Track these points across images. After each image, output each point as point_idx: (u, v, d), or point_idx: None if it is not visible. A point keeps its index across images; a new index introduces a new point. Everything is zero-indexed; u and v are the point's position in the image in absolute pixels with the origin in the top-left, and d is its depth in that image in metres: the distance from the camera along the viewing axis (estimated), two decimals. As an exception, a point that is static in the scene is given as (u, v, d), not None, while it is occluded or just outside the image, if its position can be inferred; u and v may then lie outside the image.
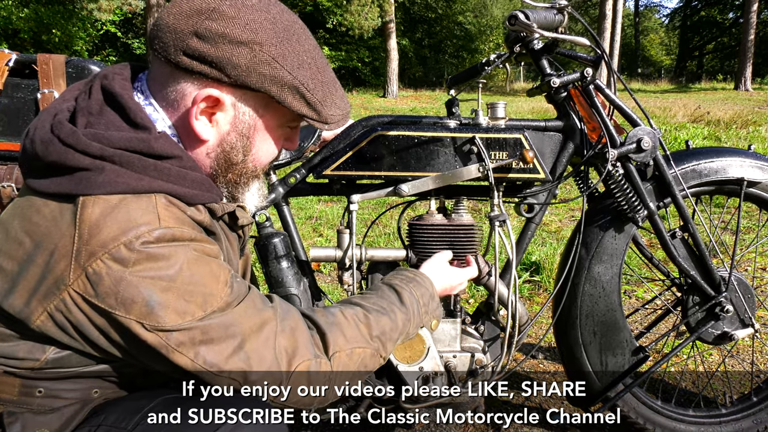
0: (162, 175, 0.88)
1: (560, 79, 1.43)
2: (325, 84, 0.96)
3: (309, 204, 4.77)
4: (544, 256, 3.27)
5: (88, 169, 0.84)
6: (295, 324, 0.96)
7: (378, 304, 1.11)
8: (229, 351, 0.87)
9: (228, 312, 0.88)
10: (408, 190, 1.41)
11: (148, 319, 0.82)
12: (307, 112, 0.95)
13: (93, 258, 0.80)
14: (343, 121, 1.01)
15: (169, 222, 0.85)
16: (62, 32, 16.87)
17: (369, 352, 1.03)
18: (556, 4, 1.39)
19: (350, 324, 1.02)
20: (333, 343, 0.98)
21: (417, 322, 1.16)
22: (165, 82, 0.93)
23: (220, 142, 0.96)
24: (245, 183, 1.03)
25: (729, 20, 34.23)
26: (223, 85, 0.90)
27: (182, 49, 0.88)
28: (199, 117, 0.92)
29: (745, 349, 2.28)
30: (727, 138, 7.67)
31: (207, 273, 0.87)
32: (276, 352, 0.90)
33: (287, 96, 0.92)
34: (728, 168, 1.59)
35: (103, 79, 0.93)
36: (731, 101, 15.35)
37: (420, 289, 1.20)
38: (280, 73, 0.90)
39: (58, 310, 0.83)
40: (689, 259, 1.60)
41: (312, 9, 20.94)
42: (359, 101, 17.16)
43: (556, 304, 1.63)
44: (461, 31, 29.78)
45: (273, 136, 1.00)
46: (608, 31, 20.19)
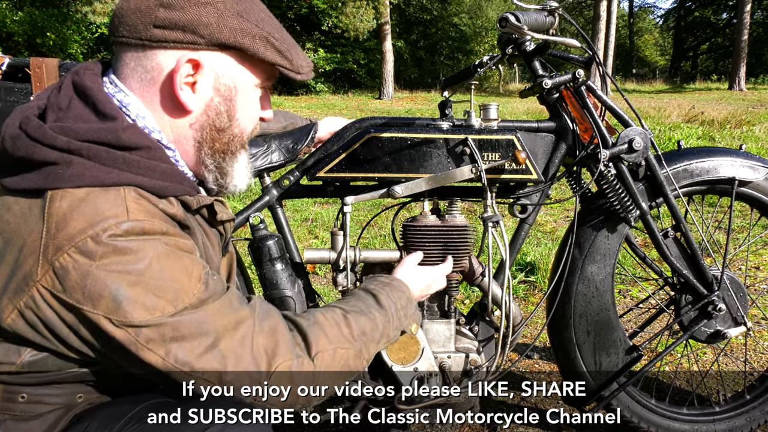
0: (131, 167, 0.87)
1: (552, 80, 1.44)
2: (286, 38, 1.00)
3: (304, 206, 4.77)
4: (539, 257, 3.28)
5: (55, 162, 0.83)
6: (275, 324, 0.95)
7: (356, 306, 1.11)
8: (201, 349, 0.85)
9: (201, 309, 0.86)
10: (402, 191, 1.42)
11: (116, 314, 0.80)
12: (281, 61, 0.98)
13: (60, 252, 0.79)
14: (311, 73, 1.04)
15: (138, 215, 0.84)
16: (57, 35, 16.82)
17: (352, 352, 1.02)
18: (547, 6, 1.40)
19: (331, 324, 1.02)
20: (315, 343, 0.97)
21: (396, 324, 1.17)
22: (137, 65, 0.93)
23: (205, 110, 0.96)
24: (233, 152, 1.02)
25: (723, 21, 34.37)
26: (199, 48, 0.92)
27: (152, 22, 0.89)
28: (183, 87, 0.93)
29: (739, 348, 2.29)
30: (721, 138, 7.70)
31: (178, 268, 0.85)
32: (254, 352, 0.89)
33: (260, 47, 0.95)
34: (719, 168, 1.60)
35: (74, 75, 0.93)
36: (725, 101, 15.41)
37: (396, 292, 1.20)
38: (247, 26, 0.93)
39: (28, 307, 0.81)
40: (682, 259, 1.61)
41: (307, 11, 20.93)
42: (355, 103, 17.16)
43: (550, 305, 1.64)
44: (456, 32, 29.82)
45: (252, 97, 1.02)
46: (603, 32, 20.24)
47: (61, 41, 16.99)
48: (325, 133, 1.62)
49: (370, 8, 18.58)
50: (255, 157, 1.49)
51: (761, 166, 1.62)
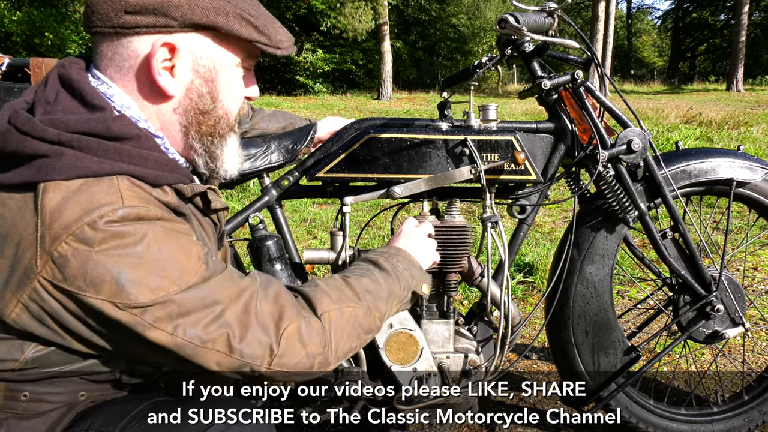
0: (122, 157, 0.87)
1: (551, 81, 1.44)
2: (263, 13, 0.98)
3: (303, 206, 4.77)
4: (538, 257, 3.28)
5: (46, 155, 0.83)
6: (278, 290, 0.95)
7: (356, 272, 1.12)
8: (207, 320, 0.85)
9: (204, 285, 0.86)
10: (401, 192, 1.42)
11: (120, 297, 0.80)
12: (258, 37, 0.96)
13: (57, 241, 0.79)
14: (292, 48, 1.02)
15: (133, 201, 0.84)
16: (55, 35, 16.80)
17: (360, 311, 1.03)
18: (546, 7, 1.41)
19: (332, 288, 1.03)
20: (319, 304, 0.98)
21: (403, 284, 1.16)
22: (114, 54, 0.93)
23: (187, 93, 0.96)
24: (221, 135, 1.01)
25: (720, 22, 34.44)
26: (173, 31, 0.91)
27: (122, 9, 0.89)
28: (161, 72, 0.92)
29: (737, 348, 2.29)
30: (719, 139, 7.71)
31: (178, 248, 0.86)
32: (260, 318, 0.90)
33: (234, 24, 0.94)
34: (717, 169, 1.60)
35: (60, 68, 0.93)
36: (723, 102, 15.44)
37: (394, 257, 1.19)
38: (220, 3, 0.92)
39: (32, 300, 0.81)
40: (680, 259, 1.61)
41: (306, 12, 20.92)
42: (353, 104, 17.16)
43: (548, 305, 1.64)
44: (455, 33, 29.84)
45: (234, 77, 1.01)
46: (601, 32, 20.27)
47: (59, 41, 16.96)
48: (325, 133, 1.62)
49: (369, 9, 18.58)
50: (254, 158, 1.49)
51: (759, 167, 1.62)
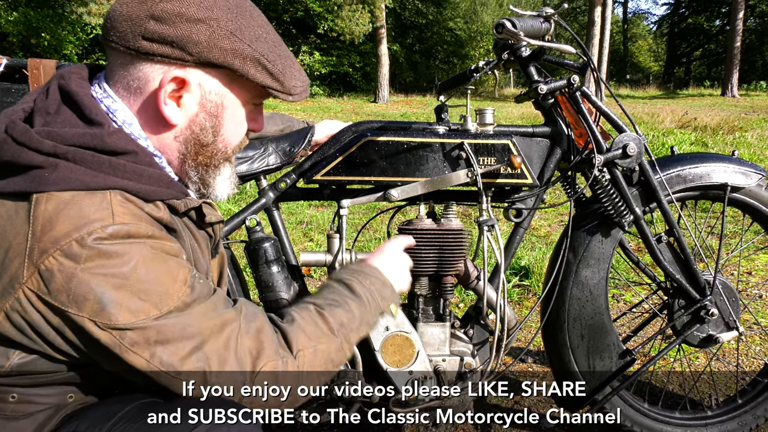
0: (117, 171, 0.87)
1: (547, 86, 1.45)
2: (282, 57, 0.97)
3: (300, 209, 4.77)
4: (534, 261, 3.29)
5: (41, 166, 0.83)
6: (261, 326, 0.95)
7: (329, 298, 1.10)
8: (185, 352, 0.85)
9: (186, 312, 0.86)
10: (398, 195, 1.42)
11: (101, 316, 0.81)
12: (271, 83, 0.96)
13: (45, 255, 0.80)
14: (304, 93, 1.01)
15: (123, 218, 0.84)
16: (51, 36, 16.75)
17: (333, 346, 1.02)
18: (543, 12, 1.42)
19: (308, 322, 1.02)
20: (295, 341, 0.98)
21: (374, 309, 1.15)
22: (125, 73, 0.92)
23: (189, 125, 0.96)
24: (216, 166, 1.02)
25: (716, 27, 34.63)
26: (187, 65, 0.91)
27: (141, 33, 0.88)
28: (167, 102, 0.92)
29: (731, 352, 2.30)
30: (713, 144, 7.75)
31: (164, 271, 0.86)
32: (238, 354, 0.90)
33: (250, 68, 0.93)
34: (712, 173, 1.62)
35: (60, 79, 0.93)
36: (718, 107, 15.52)
37: (369, 278, 1.18)
38: (239, 46, 0.91)
39: (14, 309, 0.82)
40: (675, 263, 1.62)
41: (303, 14, 20.94)
42: (350, 106, 17.18)
43: (544, 308, 1.65)
44: (452, 36, 29.91)
45: (240, 114, 1.01)
46: (597, 37, 20.35)
47: (56, 42, 16.92)
48: (322, 136, 1.62)
49: (366, 12, 18.62)
50: (252, 160, 1.49)
51: (753, 172, 1.64)
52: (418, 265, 1.44)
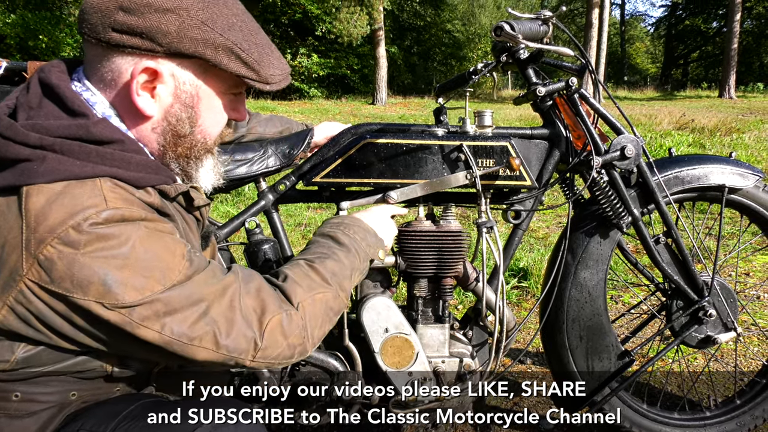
0: (105, 160, 0.87)
1: (546, 88, 1.45)
2: (259, 45, 0.96)
3: (298, 211, 4.77)
4: (532, 262, 3.30)
5: (28, 159, 0.84)
6: (259, 285, 0.98)
7: (317, 252, 1.14)
8: (194, 317, 0.87)
9: (188, 283, 0.88)
10: (397, 197, 1.43)
11: (107, 297, 0.82)
12: (246, 73, 0.95)
13: (43, 245, 0.80)
14: (284, 82, 1.01)
15: (116, 203, 0.85)
16: (49, 38, 16.75)
17: (330, 294, 1.06)
18: (541, 15, 1.42)
19: (301, 277, 1.06)
20: (294, 295, 1.01)
21: (362, 256, 1.20)
22: (99, 64, 0.93)
23: (165, 116, 0.96)
24: (197, 157, 1.02)
25: (713, 29, 34.73)
26: (158, 56, 0.91)
27: (110, 25, 0.88)
28: (140, 93, 0.92)
29: (729, 353, 2.31)
30: (711, 145, 7.77)
31: (162, 248, 0.87)
32: (243, 313, 0.92)
33: (222, 58, 0.92)
34: (710, 175, 1.62)
35: (40, 73, 0.93)
36: (715, 109, 15.55)
37: (350, 228, 1.22)
38: (210, 36, 0.91)
39: (18, 302, 0.82)
40: (673, 265, 1.62)
41: (301, 16, 20.96)
42: (348, 108, 17.19)
43: (543, 310, 1.65)
44: (450, 38, 29.96)
45: (217, 104, 1.00)
46: (595, 39, 20.40)
47: (53, 44, 16.91)
48: (321, 138, 1.63)
49: (364, 14, 18.64)
50: (251, 162, 1.49)
51: (750, 173, 1.64)
52: (417, 267, 1.44)
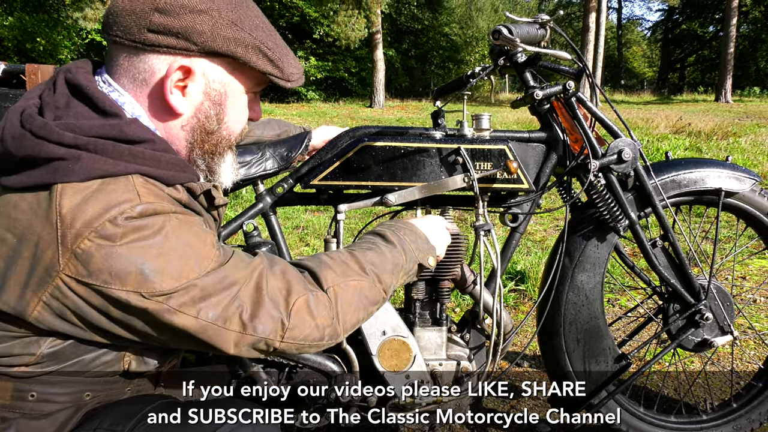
0: (137, 159, 0.90)
1: (543, 91, 1.46)
2: (279, 45, 1.02)
3: (296, 213, 4.77)
4: (529, 265, 3.30)
5: (63, 158, 0.85)
6: (284, 267, 0.99)
7: (362, 245, 1.15)
8: (227, 301, 0.89)
9: (221, 269, 0.91)
10: (394, 199, 1.43)
11: (145, 287, 0.84)
12: (272, 70, 1.00)
13: (80, 239, 0.82)
14: (301, 80, 1.06)
15: (149, 198, 0.87)
16: (47, 41, 16.74)
17: (366, 284, 1.06)
18: (538, 18, 1.43)
19: (337, 262, 1.06)
20: (324, 279, 1.01)
21: (410, 256, 1.18)
22: (130, 66, 0.95)
23: (195, 113, 0.99)
24: (221, 153, 1.06)
25: (709, 34, 34.88)
26: (192, 55, 0.94)
27: (146, 26, 0.91)
28: (173, 91, 0.95)
29: (725, 356, 2.32)
30: (707, 149, 7.80)
31: (194, 236, 0.90)
32: (270, 294, 0.93)
33: (252, 56, 0.97)
34: (706, 179, 1.63)
35: (66, 73, 0.95)
36: (712, 113, 15.61)
37: (401, 230, 1.21)
38: (241, 35, 0.96)
39: (54, 297, 0.84)
40: (670, 268, 1.63)
41: (299, 19, 21.00)
42: (346, 111, 17.20)
43: (540, 313, 1.65)
44: (447, 42, 30.02)
45: (242, 102, 1.05)
46: (591, 43, 20.47)
47: (51, 47, 16.90)
48: (319, 141, 1.63)
49: (362, 17, 18.67)
50: (249, 165, 1.50)
51: (747, 177, 1.65)
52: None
